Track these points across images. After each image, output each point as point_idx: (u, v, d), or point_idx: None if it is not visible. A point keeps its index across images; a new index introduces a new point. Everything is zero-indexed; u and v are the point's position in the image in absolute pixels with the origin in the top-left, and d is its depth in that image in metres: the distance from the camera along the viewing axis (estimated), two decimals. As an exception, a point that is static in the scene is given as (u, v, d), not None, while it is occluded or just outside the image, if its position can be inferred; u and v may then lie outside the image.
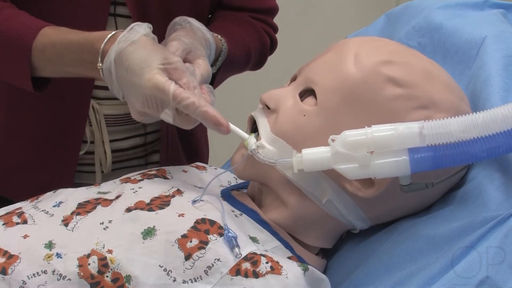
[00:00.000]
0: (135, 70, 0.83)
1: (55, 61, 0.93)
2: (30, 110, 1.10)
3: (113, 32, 0.88)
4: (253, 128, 0.89)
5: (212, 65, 1.03)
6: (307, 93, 0.86)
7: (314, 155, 0.79)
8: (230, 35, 1.11)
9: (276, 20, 1.29)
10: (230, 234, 0.79)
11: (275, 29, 1.26)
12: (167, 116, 0.85)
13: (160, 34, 0.98)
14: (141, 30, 0.87)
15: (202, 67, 0.90)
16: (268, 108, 0.87)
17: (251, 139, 0.85)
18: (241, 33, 1.15)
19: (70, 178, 1.14)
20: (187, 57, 0.91)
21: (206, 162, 1.27)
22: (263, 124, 0.87)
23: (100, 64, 0.87)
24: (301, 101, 0.86)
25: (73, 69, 0.93)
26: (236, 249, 0.78)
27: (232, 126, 0.85)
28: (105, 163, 1.14)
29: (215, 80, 1.08)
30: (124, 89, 0.87)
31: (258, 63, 1.24)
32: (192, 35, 0.94)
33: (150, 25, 0.89)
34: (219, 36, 1.06)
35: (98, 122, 1.12)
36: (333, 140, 0.78)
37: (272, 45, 1.26)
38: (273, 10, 1.25)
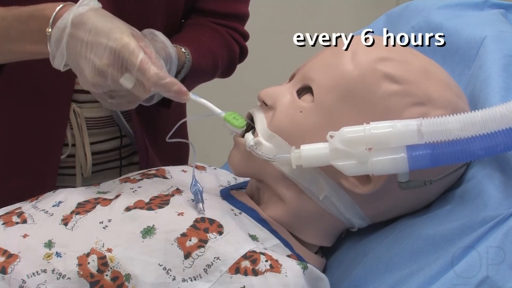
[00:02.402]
0: (102, 30, 0.83)
1: (1, 36, 0.91)
2: (8, 114, 1.10)
3: (67, 3, 0.88)
4: (251, 126, 0.90)
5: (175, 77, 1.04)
6: (305, 90, 0.87)
7: (313, 151, 0.80)
8: (197, 45, 1.11)
9: (277, 20, 1.29)
10: (196, 188, 0.82)
11: (245, 36, 1.26)
12: (127, 81, 0.84)
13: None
14: (96, 3, 0.88)
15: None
16: (266, 105, 0.88)
17: (248, 136, 0.86)
18: (208, 42, 1.15)
19: (52, 181, 1.13)
20: None
21: (186, 163, 1.27)
22: (260, 120, 0.87)
23: (50, 30, 0.86)
24: (299, 98, 0.86)
25: (18, 45, 0.91)
26: (200, 205, 0.80)
27: (203, 101, 0.87)
28: (85, 166, 1.14)
29: None
30: (79, 51, 0.84)
31: (226, 71, 1.24)
32: (153, 44, 0.94)
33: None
34: (182, 49, 1.06)
35: (79, 125, 1.12)
36: (331, 137, 0.79)
37: (242, 53, 1.25)
38: (244, 17, 1.25)
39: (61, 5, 0.87)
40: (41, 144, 1.11)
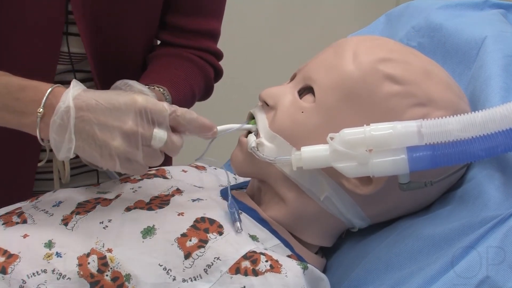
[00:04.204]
0: (112, 97, 0.79)
1: None
2: None
3: (56, 85, 0.82)
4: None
5: None
6: (306, 90, 0.87)
7: (313, 153, 0.80)
8: (173, 79, 1.10)
9: (277, 20, 1.28)
10: (232, 210, 0.81)
11: (218, 56, 1.23)
12: (158, 140, 0.78)
13: (112, 53, 0.98)
14: (83, 86, 0.82)
15: None
16: (267, 105, 0.88)
17: (250, 137, 0.86)
18: (183, 74, 1.13)
19: (29, 187, 1.12)
20: None
21: (170, 164, 1.26)
22: (261, 120, 0.87)
23: (41, 110, 0.79)
24: (300, 98, 0.86)
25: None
26: (238, 224, 0.79)
27: (229, 126, 0.85)
28: (63, 172, 1.11)
29: None
30: (97, 123, 0.77)
31: (203, 96, 1.23)
32: None
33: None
34: (160, 89, 1.04)
35: None
36: (331, 138, 0.79)
37: (216, 74, 1.24)
38: (215, 34, 1.21)
39: (53, 87, 0.81)
40: (18, 150, 1.08)
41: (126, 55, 1.11)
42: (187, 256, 0.77)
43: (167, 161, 1.30)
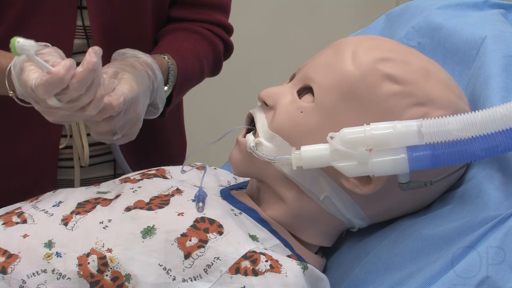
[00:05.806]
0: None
1: None
2: (4, 106, 1.08)
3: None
4: (251, 126, 0.90)
5: (166, 84, 1.04)
6: (305, 90, 0.87)
7: (313, 152, 0.80)
8: (180, 49, 1.11)
9: (277, 20, 1.28)
10: (200, 193, 0.84)
11: (228, 30, 1.23)
12: (55, 106, 0.82)
13: (124, 23, 0.99)
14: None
15: (123, 81, 0.89)
16: (267, 105, 0.88)
17: (249, 137, 0.86)
18: (192, 46, 1.14)
19: (53, 173, 1.13)
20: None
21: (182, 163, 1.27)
22: (260, 120, 0.87)
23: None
24: (299, 98, 0.86)
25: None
26: (200, 204, 0.82)
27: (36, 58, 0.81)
28: (83, 156, 1.13)
29: (172, 98, 1.08)
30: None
31: (213, 70, 1.23)
32: (120, 61, 0.93)
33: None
34: (161, 55, 1.06)
35: None
36: (331, 138, 0.79)
37: (226, 49, 1.24)
38: (226, 7, 1.23)
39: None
40: (39, 136, 1.10)
41: (135, 31, 1.11)
42: (187, 256, 0.77)
43: (179, 160, 1.30)
